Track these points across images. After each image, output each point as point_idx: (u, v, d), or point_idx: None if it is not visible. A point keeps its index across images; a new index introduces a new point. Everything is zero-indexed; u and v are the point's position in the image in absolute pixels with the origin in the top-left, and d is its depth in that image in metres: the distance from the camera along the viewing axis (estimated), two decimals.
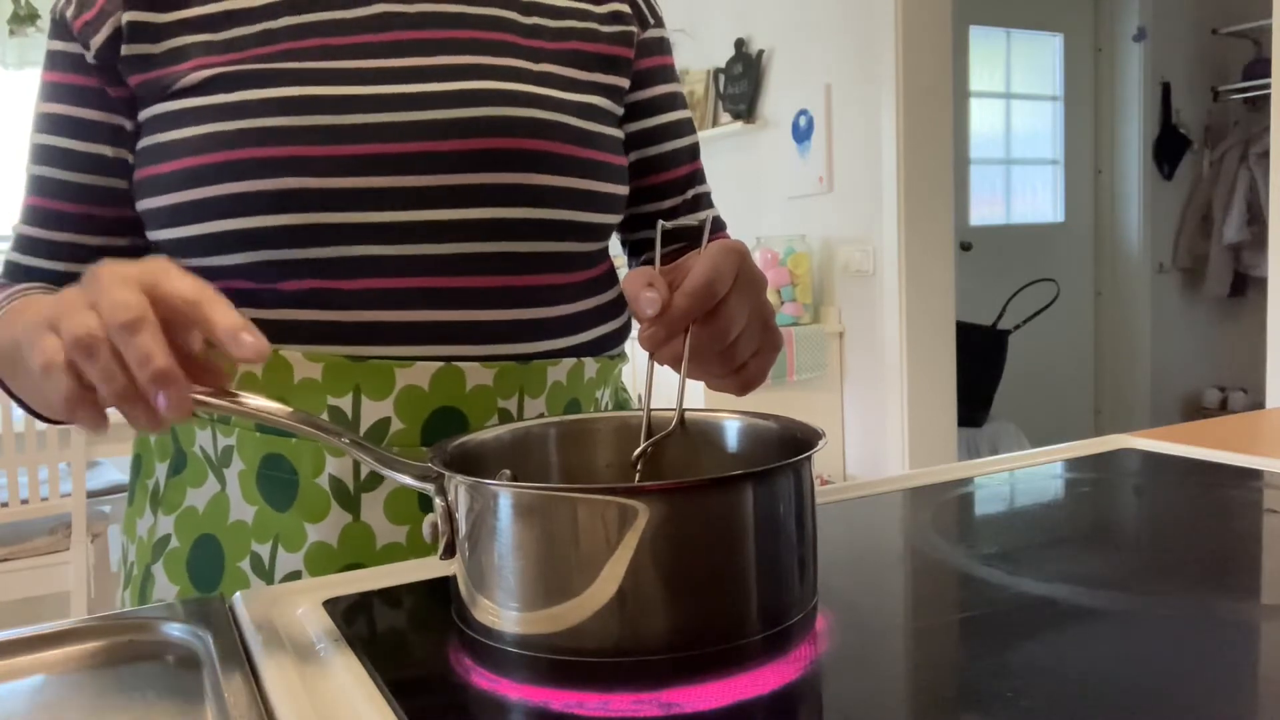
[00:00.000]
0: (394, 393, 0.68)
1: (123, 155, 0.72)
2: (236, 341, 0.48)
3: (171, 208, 0.68)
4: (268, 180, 0.65)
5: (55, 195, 0.73)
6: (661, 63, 0.85)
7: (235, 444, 0.70)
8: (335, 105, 0.67)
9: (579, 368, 0.75)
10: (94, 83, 0.71)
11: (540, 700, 0.45)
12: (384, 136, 0.67)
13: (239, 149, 0.66)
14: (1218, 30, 4.49)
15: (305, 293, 0.68)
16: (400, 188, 0.68)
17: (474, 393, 0.70)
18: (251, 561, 0.70)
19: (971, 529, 0.70)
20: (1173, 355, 4.61)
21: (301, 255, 0.67)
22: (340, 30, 0.70)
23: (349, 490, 0.68)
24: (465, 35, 0.72)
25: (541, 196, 0.71)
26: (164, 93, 0.69)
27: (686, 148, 0.88)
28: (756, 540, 0.46)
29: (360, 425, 0.68)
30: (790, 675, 0.46)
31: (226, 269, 0.68)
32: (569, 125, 0.73)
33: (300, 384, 0.68)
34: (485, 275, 0.70)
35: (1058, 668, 0.45)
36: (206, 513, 0.72)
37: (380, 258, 0.68)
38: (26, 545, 2.33)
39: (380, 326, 0.68)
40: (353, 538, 0.69)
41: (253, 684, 0.47)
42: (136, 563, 0.77)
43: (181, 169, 0.67)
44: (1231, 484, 0.77)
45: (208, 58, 0.68)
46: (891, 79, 2.96)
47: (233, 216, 0.66)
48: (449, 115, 0.69)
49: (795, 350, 3.12)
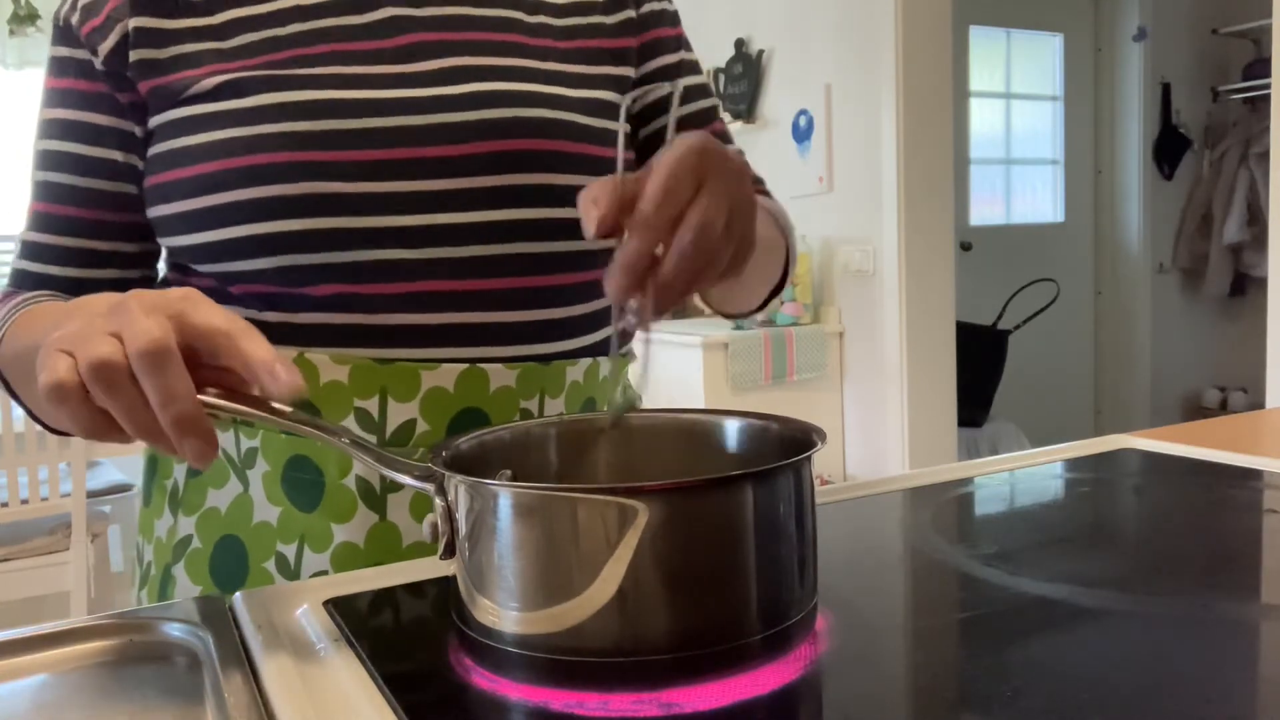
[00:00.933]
0: (420, 395, 0.69)
1: (132, 161, 0.72)
2: (272, 375, 0.47)
3: (189, 213, 0.68)
4: (287, 185, 0.65)
5: (65, 200, 0.73)
6: (656, 35, 0.83)
7: (259, 446, 0.70)
8: (351, 109, 0.67)
9: (594, 367, 0.76)
10: (102, 88, 0.71)
11: (540, 700, 0.45)
12: (401, 141, 0.67)
13: (257, 154, 0.66)
14: (1218, 30, 4.49)
15: (330, 297, 0.68)
16: (419, 191, 0.68)
17: (497, 394, 0.70)
18: (277, 562, 0.70)
19: (971, 529, 0.70)
20: (1173, 355, 4.61)
21: (323, 260, 0.67)
22: (350, 36, 0.70)
23: (375, 491, 0.69)
24: (475, 37, 0.73)
25: (558, 196, 0.71)
26: (176, 98, 0.69)
27: (697, 113, 0.85)
28: (756, 540, 0.46)
29: (387, 427, 0.68)
30: (790, 675, 0.46)
31: (249, 274, 0.68)
32: (581, 124, 0.73)
33: (327, 386, 0.68)
34: (507, 277, 0.70)
35: (1057, 668, 0.45)
36: (229, 514, 0.72)
37: (402, 261, 0.68)
38: (26, 545, 2.33)
39: (405, 329, 0.68)
40: (379, 537, 0.69)
41: (253, 684, 0.47)
42: (155, 563, 0.77)
43: (198, 174, 0.67)
44: (1231, 484, 0.77)
45: (218, 64, 0.69)
46: (891, 79, 2.95)
47: (252, 222, 0.66)
48: (464, 118, 0.69)
49: (795, 350, 3.12)
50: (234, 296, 0.70)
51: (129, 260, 0.75)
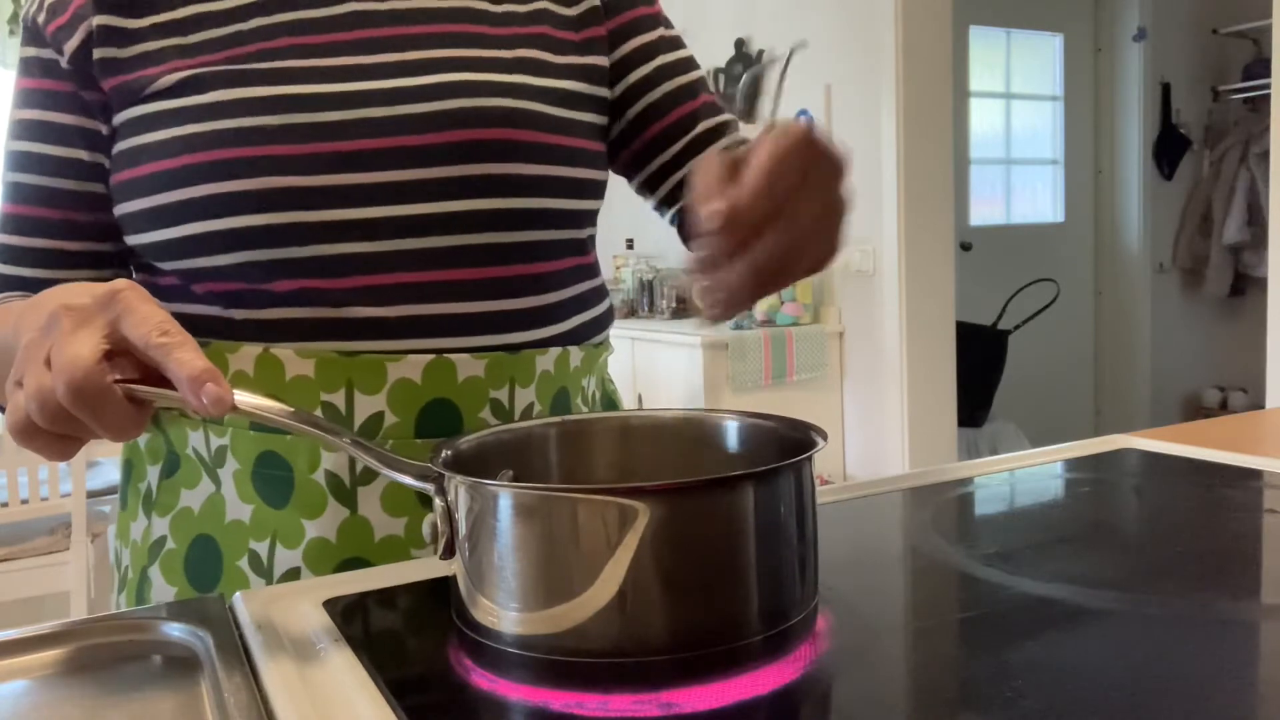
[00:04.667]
0: (386, 387, 0.68)
1: (99, 159, 0.72)
2: (198, 393, 0.48)
3: (150, 210, 0.68)
4: (248, 180, 0.65)
5: (34, 201, 0.72)
6: (631, 16, 0.81)
7: (229, 443, 0.70)
8: (312, 103, 0.67)
9: (565, 356, 0.75)
10: (68, 87, 0.71)
11: (540, 700, 0.45)
12: (362, 133, 0.67)
13: (216, 149, 0.66)
14: (1218, 30, 4.49)
15: (293, 292, 0.68)
16: (381, 183, 0.68)
17: (466, 384, 0.70)
18: (250, 560, 0.70)
19: (971, 529, 0.70)
20: (1173, 355, 4.61)
21: (286, 255, 0.67)
22: (312, 29, 0.70)
23: (345, 485, 0.69)
24: (437, 29, 0.72)
25: (521, 186, 0.71)
26: (137, 96, 0.69)
27: (683, 87, 0.83)
28: (757, 540, 0.46)
29: (354, 420, 0.68)
30: (790, 676, 0.46)
31: (211, 270, 0.68)
32: (544, 113, 0.73)
33: (292, 381, 0.68)
34: (471, 267, 0.70)
35: (1058, 668, 0.45)
36: (202, 513, 0.72)
37: (365, 254, 0.68)
38: (26, 545, 2.33)
39: (370, 322, 0.68)
40: (351, 532, 0.69)
41: (253, 684, 0.47)
42: (131, 566, 0.77)
43: (159, 171, 0.67)
44: (1231, 484, 0.77)
45: (179, 60, 0.68)
46: (891, 79, 2.96)
47: (214, 217, 0.66)
48: (425, 109, 0.69)
49: (795, 350, 3.12)
50: (197, 295, 0.70)
51: (102, 260, 0.74)
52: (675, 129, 0.83)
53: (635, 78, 0.82)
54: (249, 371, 0.68)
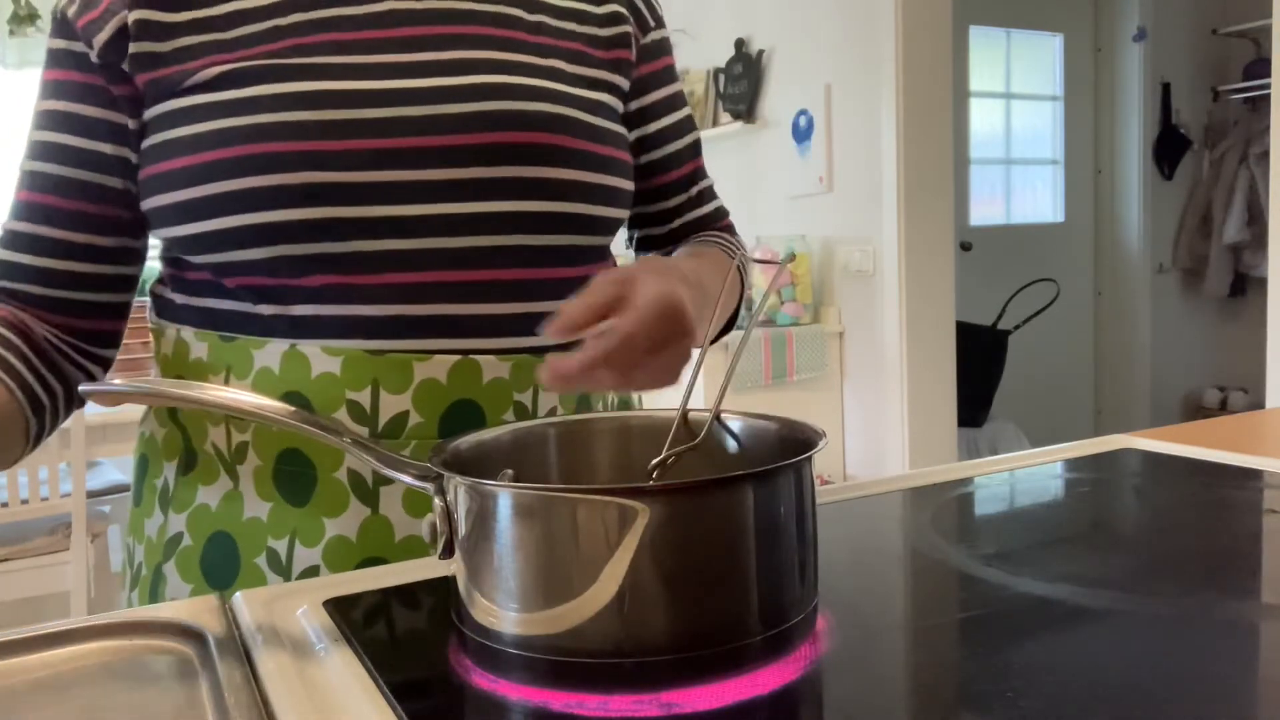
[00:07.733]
0: (412, 386, 0.69)
1: (123, 154, 0.72)
2: None
3: (185, 203, 0.68)
4: (283, 175, 0.66)
5: (47, 190, 0.72)
6: (664, 64, 0.86)
7: (251, 440, 0.70)
8: (350, 100, 0.67)
9: None
10: (96, 80, 0.71)
11: (540, 701, 0.45)
12: (400, 131, 0.68)
13: (255, 144, 0.66)
14: (1218, 30, 4.49)
15: (323, 288, 0.68)
16: (416, 182, 0.68)
17: (490, 385, 0.70)
18: (268, 558, 0.70)
19: (971, 529, 0.70)
20: (1173, 355, 4.61)
21: (319, 250, 0.67)
22: (350, 26, 0.70)
23: (367, 484, 0.69)
24: (475, 31, 0.73)
25: (556, 190, 0.71)
26: (173, 90, 0.69)
27: (688, 146, 0.89)
28: (757, 541, 0.46)
29: (379, 419, 0.68)
30: (790, 676, 0.46)
31: (243, 264, 0.68)
32: (580, 120, 0.73)
33: (319, 378, 0.68)
34: (501, 269, 0.70)
35: (1058, 668, 0.45)
36: (220, 510, 0.72)
37: (397, 252, 0.68)
38: (26, 545, 2.33)
39: (398, 320, 0.68)
40: (371, 531, 0.69)
41: (253, 684, 0.47)
42: (145, 563, 0.76)
43: (193, 164, 0.67)
44: (1231, 484, 0.77)
45: (218, 55, 0.69)
46: (891, 79, 2.95)
47: (251, 211, 0.66)
48: (463, 109, 0.69)
49: (795, 350, 3.12)
50: (228, 289, 0.70)
51: (104, 255, 0.74)
52: (675, 186, 0.89)
53: (650, 129, 0.86)
54: (275, 368, 0.69)
